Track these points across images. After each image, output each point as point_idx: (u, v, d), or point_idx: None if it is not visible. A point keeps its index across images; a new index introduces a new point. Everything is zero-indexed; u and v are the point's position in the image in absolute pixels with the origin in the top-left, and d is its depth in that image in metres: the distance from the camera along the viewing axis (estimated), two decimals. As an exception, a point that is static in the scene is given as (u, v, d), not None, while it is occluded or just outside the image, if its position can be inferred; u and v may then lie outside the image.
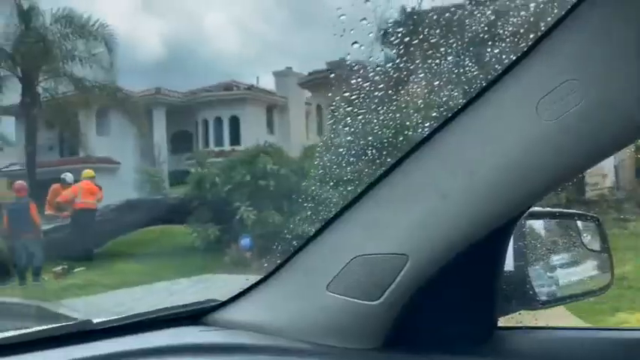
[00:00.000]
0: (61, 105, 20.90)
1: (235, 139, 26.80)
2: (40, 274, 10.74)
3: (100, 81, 20.84)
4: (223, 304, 1.22)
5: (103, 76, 20.84)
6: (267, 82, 30.14)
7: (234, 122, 27.60)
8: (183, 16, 42.46)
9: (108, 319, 1.21)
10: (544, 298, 1.31)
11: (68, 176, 13.51)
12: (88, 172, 13.18)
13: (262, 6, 40.27)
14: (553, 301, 1.36)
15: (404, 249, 0.98)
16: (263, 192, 12.33)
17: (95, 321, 1.18)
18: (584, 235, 1.51)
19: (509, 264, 1.16)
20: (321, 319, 1.07)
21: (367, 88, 2.28)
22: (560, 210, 1.52)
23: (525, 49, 0.87)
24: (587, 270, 1.53)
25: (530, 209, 1.14)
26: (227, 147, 26.30)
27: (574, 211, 1.62)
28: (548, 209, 1.40)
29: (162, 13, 47.26)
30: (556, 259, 1.45)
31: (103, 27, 20.63)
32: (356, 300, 1.03)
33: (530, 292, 1.26)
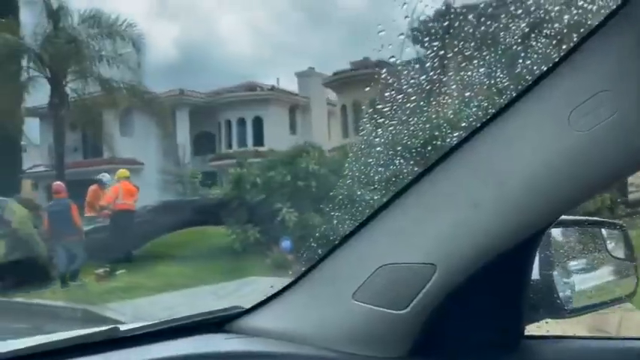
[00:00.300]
0: (87, 105, 20.84)
1: (259, 139, 26.92)
2: (78, 275, 10.72)
3: (126, 81, 20.74)
4: (248, 311, 1.23)
5: (130, 77, 20.73)
6: (284, 84, 30.27)
7: (258, 123, 27.74)
8: (199, 17, 42.88)
9: (135, 326, 1.24)
10: (571, 306, 1.31)
11: (105, 177, 13.41)
12: (123, 172, 13.03)
13: (276, 8, 40.51)
14: (580, 310, 1.36)
15: (432, 258, 0.98)
16: (304, 193, 12.21)
17: (122, 328, 1.19)
18: (609, 242, 1.51)
19: (534, 272, 1.16)
20: (347, 327, 1.08)
21: (400, 100, 2.39)
22: (585, 218, 1.53)
23: (557, 60, 0.87)
24: (613, 277, 1.53)
25: None
26: (250, 147, 26.30)
27: (598, 218, 1.63)
28: (573, 217, 1.40)
29: (178, 14, 47.75)
30: (581, 267, 1.45)
31: (130, 27, 20.58)
32: (382, 309, 1.03)
33: (558, 301, 1.25)
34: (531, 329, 1.20)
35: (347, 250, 1.09)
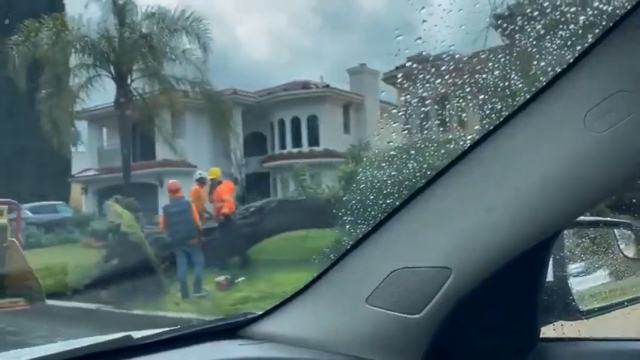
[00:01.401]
0: (148, 105, 19.82)
1: (314, 139, 25.99)
2: (202, 283, 9.71)
3: (191, 79, 19.67)
4: (261, 317, 1.23)
5: (195, 75, 19.63)
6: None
7: (313, 121, 26.64)
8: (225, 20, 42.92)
9: (148, 333, 1.23)
10: (586, 307, 1.32)
11: (204, 173, 12.52)
12: (216, 170, 12.33)
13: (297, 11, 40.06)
14: (595, 311, 1.37)
15: (447, 262, 0.97)
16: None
17: (135, 336, 1.18)
18: (621, 242, 1.56)
19: (548, 274, 1.17)
20: (361, 332, 1.07)
21: (414, 105, 2.50)
22: (598, 218, 1.55)
23: (572, 61, 0.86)
24: (626, 277, 1.57)
25: None
26: (305, 148, 25.72)
27: (610, 219, 1.66)
28: (586, 218, 1.41)
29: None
30: (594, 267, 1.49)
31: (197, 21, 19.37)
32: (396, 313, 1.02)
33: (573, 303, 1.27)
34: (547, 331, 1.20)
35: (360, 255, 1.08)
